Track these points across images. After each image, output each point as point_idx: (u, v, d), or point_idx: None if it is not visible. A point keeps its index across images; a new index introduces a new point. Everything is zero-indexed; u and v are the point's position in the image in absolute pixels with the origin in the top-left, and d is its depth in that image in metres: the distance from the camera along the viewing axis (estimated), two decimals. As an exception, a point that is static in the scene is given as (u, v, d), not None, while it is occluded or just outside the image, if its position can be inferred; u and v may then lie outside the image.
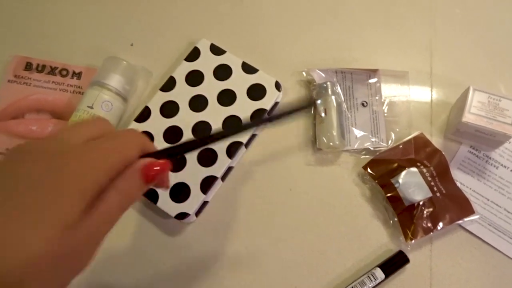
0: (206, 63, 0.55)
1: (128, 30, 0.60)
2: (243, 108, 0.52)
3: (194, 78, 0.54)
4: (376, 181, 0.49)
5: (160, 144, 0.51)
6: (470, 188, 0.50)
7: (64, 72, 0.56)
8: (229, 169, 0.51)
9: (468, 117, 0.47)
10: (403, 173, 0.48)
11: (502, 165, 0.51)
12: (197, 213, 0.49)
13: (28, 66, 0.56)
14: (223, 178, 0.51)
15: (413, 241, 0.46)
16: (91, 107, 0.50)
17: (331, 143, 0.49)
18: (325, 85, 0.52)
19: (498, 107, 0.47)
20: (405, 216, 0.47)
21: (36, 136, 0.53)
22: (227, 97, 0.53)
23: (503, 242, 0.48)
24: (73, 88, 0.56)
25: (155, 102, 0.53)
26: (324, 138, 0.50)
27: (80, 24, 0.61)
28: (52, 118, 0.54)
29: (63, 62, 0.57)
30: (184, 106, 0.53)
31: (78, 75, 0.56)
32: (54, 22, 0.61)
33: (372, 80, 0.54)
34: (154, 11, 0.61)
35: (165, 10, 0.61)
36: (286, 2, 0.61)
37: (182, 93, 0.53)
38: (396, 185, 0.47)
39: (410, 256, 0.47)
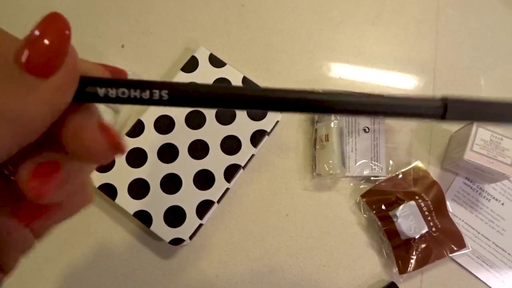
0: (204, 76, 0.52)
1: (120, 29, 0.55)
2: (243, 128, 0.50)
3: (191, 91, 0.51)
4: (374, 211, 0.49)
5: (154, 164, 0.49)
6: (463, 220, 0.51)
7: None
8: (226, 190, 0.49)
9: (470, 155, 0.47)
10: (401, 207, 0.48)
11: (494, 198, 0.52)
12: (191, 236, 0.48)
13: None
14: (219, 200, 0.49)
15: (406, 274, 0.47)
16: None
17: (332, 172, 0.48)
18: (328, 108, 0.50)
19: (500, 146, 0.47)
20: (400, 249, 0.47)
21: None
22: (225, 115, 0.51)
23: (490, 276, 0.49)
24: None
25: (149, 117, 0.50)
26: (325, 165, 0.49)
27: (67, 16, 0.55)
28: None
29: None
30: (180, 122, 0.50)
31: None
32: (33, 11, 0.55)
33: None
34: (150, 11, 0.56)
35: (162, 11, 0.57)
36: (294, 14, 0.58)
37: (177, 108, 0.50)
38: (394, 219, 0.47)
39: (401, 287, 0.47)
